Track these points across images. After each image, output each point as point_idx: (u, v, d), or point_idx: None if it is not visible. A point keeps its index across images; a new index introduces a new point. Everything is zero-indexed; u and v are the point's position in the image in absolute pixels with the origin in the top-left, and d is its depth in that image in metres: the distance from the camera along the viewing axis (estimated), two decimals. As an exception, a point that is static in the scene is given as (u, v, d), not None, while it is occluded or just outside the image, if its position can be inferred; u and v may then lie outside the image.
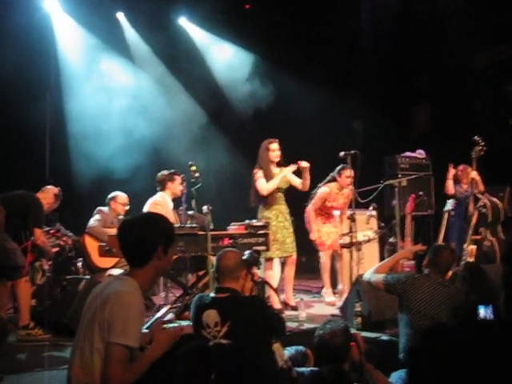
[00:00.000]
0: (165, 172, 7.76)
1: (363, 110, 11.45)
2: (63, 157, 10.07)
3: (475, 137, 7.87)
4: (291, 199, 7.80)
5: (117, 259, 7.03)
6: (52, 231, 7.45)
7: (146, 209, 7.40)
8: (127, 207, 7.87)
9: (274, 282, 7.46)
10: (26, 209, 6.35)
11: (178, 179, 7.63)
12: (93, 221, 7.60)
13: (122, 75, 10.47)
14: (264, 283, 5.36)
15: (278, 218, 7.49)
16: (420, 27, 11.48)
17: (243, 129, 11.23)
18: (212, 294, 4.13)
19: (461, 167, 8.68)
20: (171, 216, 7.31)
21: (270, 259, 7.41)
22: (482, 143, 7.83)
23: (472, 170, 8.07)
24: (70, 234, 7.71)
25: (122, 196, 7.96)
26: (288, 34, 11.21)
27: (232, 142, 11.22)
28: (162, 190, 7.70)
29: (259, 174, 7.48)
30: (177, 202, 7.70)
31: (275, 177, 7.48)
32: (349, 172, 7.82)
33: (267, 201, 7.50)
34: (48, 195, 7.02)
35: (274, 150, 7.53)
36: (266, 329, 4.03)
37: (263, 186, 7.44)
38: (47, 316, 5.97)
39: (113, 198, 7.90)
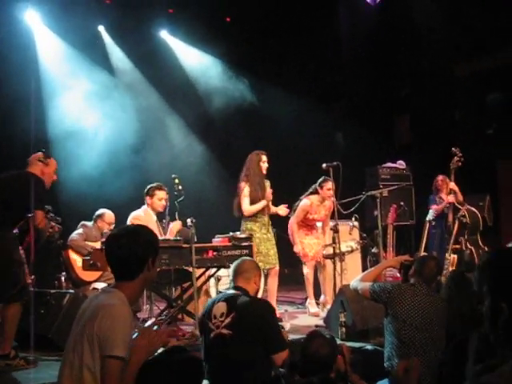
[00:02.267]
0: (150, 186, 7.55)
1: (345, 122, 11.56)
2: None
3: (453, 148, 7.98)
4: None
5: (100, 273, 7.02)
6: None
7: (128, 223, 7.35)
8: (113, 226, 7.78)
9: (258, 294, 7.47)
10: (25, 189, 5.34)
11: (159, 194, 7.37)
12: (74, 234, 7.55)
13: (103, 88, 10.45)
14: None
15: (262, 230, 7.55)
16: (400, 39, 11.59)
17: (225, 140, 11.27)
18: (228, 291, 4.47)
19: (440, 178, 8.77)
20: (154, 230, 7.24)
21: None
22: (460, 154, 7.95)
23: (450, 180, 8.18)
24: (58, 218, 7.14)
25: (109, 215, 7.90)
26: (269, 47, 11.26)
27: (214, 153, 11.25)
28: (146, 203, 7.62)
29: (245, 192, 7.53)
30: (161, 214, 7.68)
31: (267, 188, 7.58)
32: (330, 184, 7.87)
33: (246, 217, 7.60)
34: (51, 168, 5.87)
35: (265, 161, 7.63)
36: (261, 334, 4.14)
37: (246, 207, 7.52)
38: (31, 332, 5.83)
39: (100, 216, 7.84)
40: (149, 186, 7.54)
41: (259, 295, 7.47)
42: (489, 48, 10.26)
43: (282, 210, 7.76)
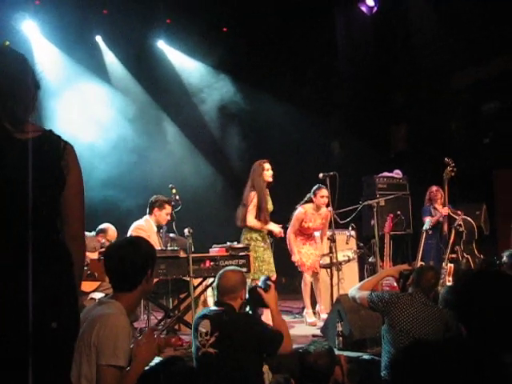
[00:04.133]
0: (160, 197, 7.60)
1: (341, 131, 11.58)
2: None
3: (446, 158, 8.00)
4: (271, 221, 7.85)
5: (98, 283, 7.02)
6: None
7: (129, 233, 7.37)
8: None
9: None
10: None
11: (167, 209, 7.49)
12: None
13: (100, 97, 10.49)
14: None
15: (264, 239, 7.60)
16: (396, 48, 11.63)
17: (221, 149, 11.29)
18: (212, 307, 4.37)
19: (434, 188, 8.79)
20: (155, 240, 7.27)
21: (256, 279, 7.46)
22: (453, 164, 7.96)
23: (444, 190, 8.19)
24: None
25: (112, 231, 7.96)
26: (266, 56, 11.29)
27: (211, 162, 11.27)
28: (150, 213, 7.63)
29: (254, 202, 7.56)
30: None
31: (268, 198, 7.66)
32: (324, 192, 7.88)
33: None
34: None
35: (268, 169, 7.67)
36: (254, 345, 4.14)
37: (251, 219, 7.55)
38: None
39: (103, 231, 7.90)
40: (159, 199, 7.57)
41: None
42: (485, 57, 10.29)
43: (277, 229, 7.75)
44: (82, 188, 2.78)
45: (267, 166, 7.69)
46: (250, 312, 4.51)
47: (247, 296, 4.45)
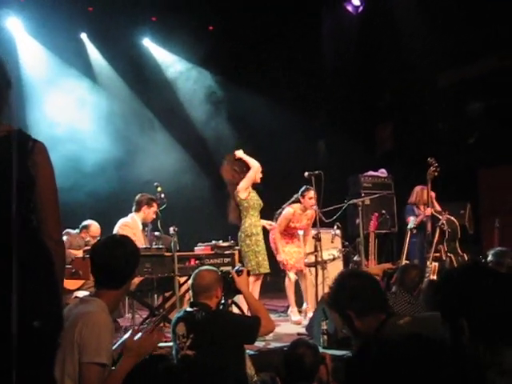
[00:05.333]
0: (146, 195, 7.69)
1: (327, 130, 11.59)
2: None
3: (429, 158, 8.03)
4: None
5: (83, 281, 6.99)
6: None
7: (115, 230, 7.36)
8: (97, 238, 7.76)
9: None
10: None
11: (155, 207, 7.57)
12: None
13: (85, 95, 10.45)
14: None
15: (260, 234, 7.60)
16: (382, 47, 11.65)
17: (207, 148, 11.28)
18: (187, 308, 4.29)
19: (418, 188, 8.82)
20: (140, 238, 7.29)
21: (260, 274, 7.47)
22: (436, 164, 7.99)
23: (428, 190, 8.21)
24: None
25: (95, 227, 7.96)
26: (251, 55, 11.29)
27: (196, 160, 11.26)
28: (137, 211, 7.65)
29: (243, 183, 7.52)
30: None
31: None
32: (312, 193, 7.89)
33: (253, 218, 7.58)
34: None
35: (260, 171, 7.67)
36: (233, 339, 4.11)
37: (243, 183, 7.50)
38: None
39: (86, 227, 7.90)
40: (148, 197, 7.63)
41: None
42: (470, 57, 10.35)
43: (266, 225, 7.88)
44: (53, 187, 2.75)
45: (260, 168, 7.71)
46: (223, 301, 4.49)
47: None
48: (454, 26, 9.98)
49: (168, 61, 11.75)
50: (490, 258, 5.59)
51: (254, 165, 7.58)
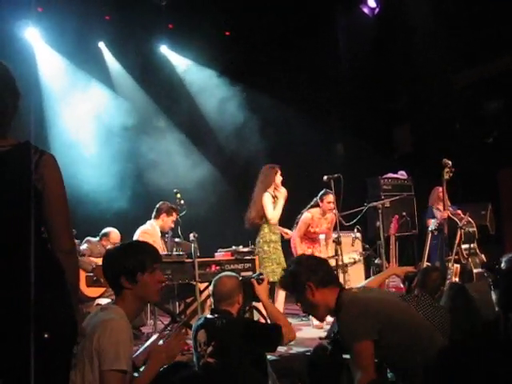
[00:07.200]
0: (167, 203, 7.77)
1: (345, 133, 11.56)
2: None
3: (444, 159, 7.96)
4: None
5: (104, 288, 7.03)
6: None
7: (135, 238, 7.41)
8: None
9: (280, 307, 7.38)
10: None
11: (174, 217, 7.64)
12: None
13: (105, 104, 10.50)
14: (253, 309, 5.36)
15: (278, 242, 7.62)
16: (398, 49, 11.62)
17: (225, 153, 11.29)
18: (208, 315, 4.26)
19: (439, 189, 8.74)
20: (159, 245, 7.33)
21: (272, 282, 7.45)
22: (450, 165, 7.92)
23: (443, 191, 8.14)
24: None
25: (115, 234, 8.00)
26: (268, 60, 11.29)
27: (215, 166, 11.27)
28: (156, 218, 7.71)
29: (267, 199, 7.56)
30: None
31: (278, 201, 7.63)
32: (331, 197, 7.85)
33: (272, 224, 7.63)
34: None
35: (280, 174, 7.72)
36: (254, 346, 4.08)
37: (270, 212, 7.54)
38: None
39: (106, 235, 7.94)
40: (168, 206, 7.73)
41: (281, 307, 7.42)
42: (487, 56, 10.27)
43: (283, 233, 7.93)
44: (61, 199, 2.75)
45: (279, 171, 7.74)
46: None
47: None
48: (469, 25, 9.93)
49: (186, 68, 11.78)
50: (503, 264, 5.51)
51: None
